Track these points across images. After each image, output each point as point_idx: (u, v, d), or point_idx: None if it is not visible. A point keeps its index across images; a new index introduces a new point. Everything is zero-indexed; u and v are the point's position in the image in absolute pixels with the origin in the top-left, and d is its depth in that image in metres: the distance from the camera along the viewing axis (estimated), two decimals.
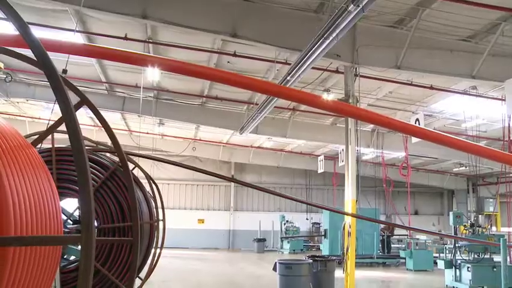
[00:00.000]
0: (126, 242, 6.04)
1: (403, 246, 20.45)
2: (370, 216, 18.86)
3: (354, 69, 11.59)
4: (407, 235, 23.24)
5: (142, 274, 8.17)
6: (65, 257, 6.40)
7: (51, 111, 13.14)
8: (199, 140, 26.57)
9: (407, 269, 18.47)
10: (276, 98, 13.30)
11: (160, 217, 9.54)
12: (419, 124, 12.07)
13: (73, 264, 6.32)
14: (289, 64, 11.88)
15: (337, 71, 13.47)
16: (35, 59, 1.72)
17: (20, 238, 1.61)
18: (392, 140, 20.87)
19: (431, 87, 14.10)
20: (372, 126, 19.91)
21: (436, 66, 11.74)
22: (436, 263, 14.91)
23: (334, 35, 8.90)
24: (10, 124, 2.86)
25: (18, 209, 2.13)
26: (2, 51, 3.22)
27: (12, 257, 2.00)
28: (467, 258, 13.09)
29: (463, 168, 27.91)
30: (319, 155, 25.31)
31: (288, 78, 11.27)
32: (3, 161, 2.14)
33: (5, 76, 14.92)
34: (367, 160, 24.47)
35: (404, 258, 19.16)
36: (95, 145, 7.76)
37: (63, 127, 1.78)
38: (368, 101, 16.21)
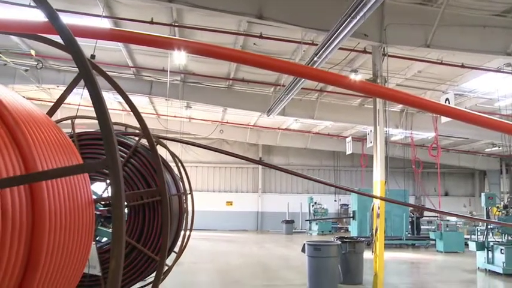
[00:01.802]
0: (154, 192, 6.14)
1: (433, 227, 20.22)
2: (399, 197, 18.73)
3: (382, 49, 11.36)
4: (437, 216, 22.97)
5: (173, 256, 8.31)
6: (97, 239, 6.55)
7: (80, 96, 13.37)
8: (227, 122, 26.66)
9: (437, 251, 18.30)
10: (303, 80, 13.20)
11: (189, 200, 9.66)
12: (449, 104, 11.81)
13: (106, 246, 6.48)
14: (316, 45, 11.73)
15: (364, 51, 13.25)
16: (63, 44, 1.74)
17: (45, 172, 1.66)
18: (421, 121, 20.48)
19: (462, 66, 13.72)
20: (400, 106, 19.59)
21: (468, 44, 11.39)
22: (467, 245, 14.70)
23: (361, 14, 8.72)
24: (41, 110, 2.92)
25: (52, 191, 2.18)
26: (33, 38, 3.28)
27: (48, 233, 2.06)
28: (500, 240, 12.87)
29: (496, 148, 27.27)
30: (347, 137, 25.12)
31: (315, 59, 11.14)
32: (36, 145, 2.19)
33: (36, 63, 15.21)
34: (395, 141, 24.15)
35: (434, 240, 18.98)
36: (124, 128, 7.88)
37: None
38: (396, 81, 15.92)
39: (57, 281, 2.35)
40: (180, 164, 9.37)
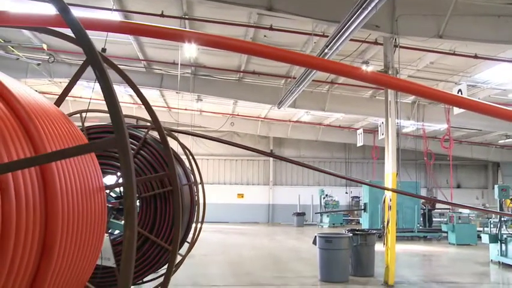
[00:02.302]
0: (163, 177, 6.17)
1: (445, 219, 20.10)
2: (411, 189, 18.64)
3: (394, 40, 11.25)
4: (449, 208, 22.82)
5: (184, 248, 8.36)
6: (109, 231, 6.60)
7: (92, 90, 13.47)
8: (238, 115, 26.66)
9: (449, 243, 18.21)
10: (313, 71, 13.14)
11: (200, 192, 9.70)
12: (462, 95, 11.69)
13: (120, 238, 6.54)
14: (327, 36, 11.66)
15: (376, 43, 13.14)
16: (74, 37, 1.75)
17: (54, 153, 1.69)
18: (433, 112, 20.31)
19: (475, 56, 13.55)
20: (412, 98, 19.44)
21: (482, 34, 11.22)
22: (480, 237, 14.59)
23: (373, 4, 8.64)
24: (53, 104, 2.94)
25: (64, 184, 2.20)
26: (44, 31, 3.29)
27: (62, 225, 2.09)
28: None
29: (510, 140, 26.98)
30: (358, 129, 25.00)
31: (326, 50, 11.07)
32: (48, 138, 2.21)
33: (48, 57, 15.31)
34: (407, 133, 24.00)
35: (446, 232, 18.87)
36: (135, 121, 7.91)
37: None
38: (408, 73, 15.78)
39: (71, 271, 2.38)
40: (191, 157, 9.40)
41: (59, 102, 3.45)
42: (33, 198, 1.91)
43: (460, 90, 12.26)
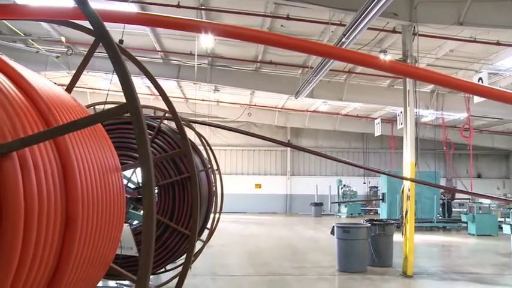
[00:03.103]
0: (181, 153, 6.23)
1: (465, 210, 19.87)
2: (430, 179, 18.43)
3: (412, 28, 11.07)
4: (469, 199, 22.55)
5: (203, 237, 8.42)
6: (128, 221, 6.68)
7: (110, 82, 13.56)
8: (255, 105, 26.64)
9: (469, 234, 18.02)
10: (331, 61, 13.04)
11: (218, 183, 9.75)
12: (482, 83, 11.48)
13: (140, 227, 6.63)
14: (344, 25, 11.54)
15: (394, 31, 12.97)
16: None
17: (72, 122, 1.73)
18: (453, 101, 20.01)
19: (497, 43, 13.27)
20: (431, 87, 19.18)
21: (504, 20, 10.95)
22: (502, 228, 14.40)
23: None
24: (72, 96, 2.98)
25: (84, 174, 2.24)
26: (63, 24, 3.33)
27: (82, 213, 2.13)
28: None
29: None
30: (376, 118, 24.77)
31: (343, 40, 10.96)
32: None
33: (66, 49, 15.45)
34: (426, 122, 23.71)
35: (466, 223, 18.66)
36: (153, 112, 7.96)
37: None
38: (427, 61, 15.56)
39: (95, 247, 2.42)
40: (208, 147, 9.44)
41: (70, 86, 3.49)
42: (52, 175, 1.95)
43: (480, 79, 12.04)
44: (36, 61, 15.78)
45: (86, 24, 2.24)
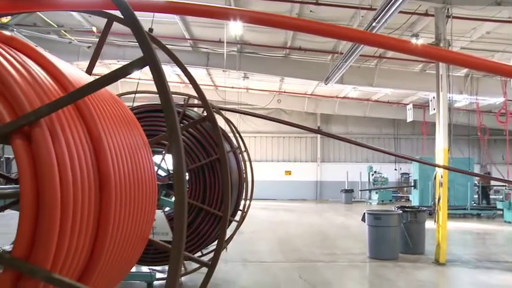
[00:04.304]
0: (205, 119, 6.26)
1: (501, 196, 19.41)
2: (463, 166, 18.09)
3: (446, 10, 10.78)
4: (505, 185, 22.00)
5: (233, 226, 8.50)
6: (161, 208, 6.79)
7: (140, 70, 13.68)
8: (284, 92, 26.54)
9: (505, 221, 17.60)
10: (361, 46, 12.86)
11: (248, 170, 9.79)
12: None
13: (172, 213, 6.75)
14: (375, 9, 11.32)
15: (426, 14, 12.66)
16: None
17: (91, 82, 1.81)
18: (488, 85, 19.44)
19: None
20: (465, 71, 18.69)
21: None
22: None
23: None
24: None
25: (116, 160, 2.29)
26: (94, 13, 3.38)
27: (115, 198, 2.18)
28: None
29: None
30: (407, 104, 24.35)
31: (374, 24, 10.78)
32: (100, 118, 2.28)
33: (97, 39, 15.70)
34: (459, 107, 23.17)
35: (502, 210, 18.23)
36: (183, 99, 8.03)
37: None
38: (461, 44, 15.15)
39: (128, 236, 2.48)
40: (237, 134, 9.48)
41: (90, 67, 3.56)
42: (84, 154, 2.01)
43: None
44: (68, 51, 16.09)
45: (117, 13, 2.27)
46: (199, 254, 7.68)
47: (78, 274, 2.03)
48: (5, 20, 12.20)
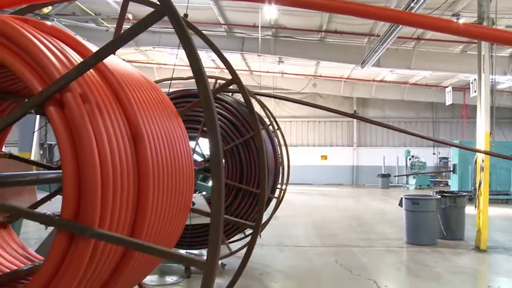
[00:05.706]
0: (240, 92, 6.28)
1: None
2: (507, 150, 17.48)
3: None
4: None
5: (269, 210, 8.53)
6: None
7: (175, 57, 13.84)
8: (320, 76, 26.26)
9: None
10: (399, 27, 12.57)
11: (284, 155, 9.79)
12: None
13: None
14: None
15: None
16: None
17: (113, 40, 1.88)
18: None
19: None
20: (509, 51, 18.00)
21: None
22: None
23: None
24: (140, 71, 3.07)
25: (154, 145, 2.32)
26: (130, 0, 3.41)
27: (153, 180, 2.23)
28: None
29: None
30: (446, 86, 23.71)
31: (412, 4, 10.52)
32: (138, 105, 2.32)
33: None
34: (503, 89, 22.37)
35: None
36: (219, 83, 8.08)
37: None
38: (506, 23, 14.55)
39: (167, 215, 2.52)
40: (273, 119, 9.46)
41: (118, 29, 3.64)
42: (126, 162, 2.04)
43: None
44: (106, 39, 16.04)
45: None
46: (237, 237, 7.77)
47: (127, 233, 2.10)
48: (46, 10, 12.52)
